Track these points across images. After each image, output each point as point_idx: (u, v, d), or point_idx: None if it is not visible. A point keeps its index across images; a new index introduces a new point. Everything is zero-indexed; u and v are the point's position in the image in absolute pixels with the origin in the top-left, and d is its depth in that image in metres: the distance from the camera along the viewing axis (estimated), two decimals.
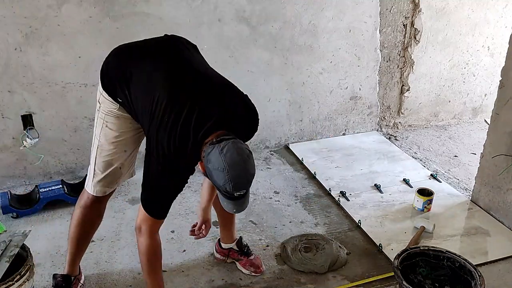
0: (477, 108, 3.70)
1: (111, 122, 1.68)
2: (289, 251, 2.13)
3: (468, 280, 1.74)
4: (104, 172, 1.75)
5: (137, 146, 1.80)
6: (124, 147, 1.74)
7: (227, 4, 2.69)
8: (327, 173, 2.84)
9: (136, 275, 2.00)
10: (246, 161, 1.40)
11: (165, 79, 1.57)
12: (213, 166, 1.36)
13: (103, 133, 1.70)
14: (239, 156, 1.37)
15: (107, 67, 1.69)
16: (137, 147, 1.81)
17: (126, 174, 1.82)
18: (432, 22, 3.22)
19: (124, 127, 1.70)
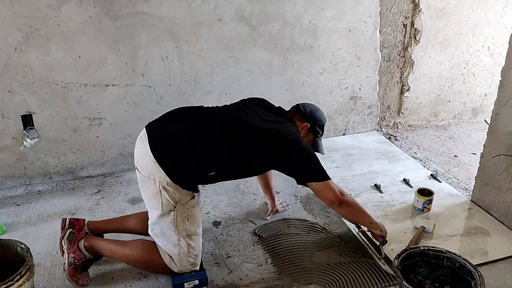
0: (477, 108, 3.70)
1: (191, 214, 1.84)
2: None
3: (468, 280, 1.74)
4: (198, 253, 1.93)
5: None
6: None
7: (227, 4, 2.69)
8: (327, 173, 2.83)
9: (136, 275, 2.00)
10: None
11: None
12: (318, 114, 2.07)
13: (186, 227, 1.84)
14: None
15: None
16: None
17: None
18: (432, 22, 3.22)
19: (199, 211, 1.90)
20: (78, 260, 1.89)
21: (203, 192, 2.65)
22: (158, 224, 1.84)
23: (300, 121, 2.01)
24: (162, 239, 1.85)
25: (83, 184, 2.75)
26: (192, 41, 2.71)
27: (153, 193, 1.78)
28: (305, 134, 2.02)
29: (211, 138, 1.78)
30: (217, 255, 2.14)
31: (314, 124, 2.04)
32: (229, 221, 2.39)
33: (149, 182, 1.77)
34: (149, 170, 1.76)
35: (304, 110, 2.04)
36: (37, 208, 2.50)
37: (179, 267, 1.86)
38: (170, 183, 1.74)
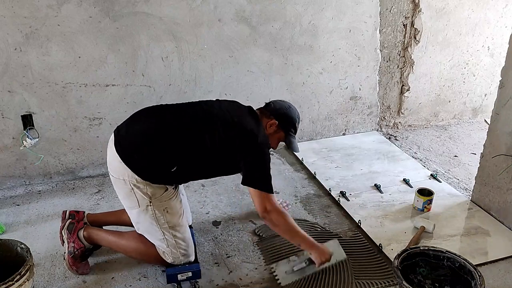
0: (477, 108, 3.70)
1: (169, 206, 1.85)
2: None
3: (468, 280, 1.74)
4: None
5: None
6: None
7: (227, 4, 2.69)
8: (327, 173, 2.84)
9: (136, 275, 2.00)
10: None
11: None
12: (288, 112, 1.99)
13: (167, 219, 1.85)
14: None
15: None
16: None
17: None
18: (432, 22, 3.22)
19: (178, 202, 1.91)
20: (78, 250, 1.95)
21: (203, 192, 2.65)
22: (140, 222, 1.89)
23: (269, 118, 1.96)
24: (148, 234, 1.90)
25: (83, 184, 2.75)
26: (192, 41, 2.71)
27: (126, 193, 1.82)
28: (274, 131, 1.97)
29: (169, 132, 1.80)
30: (217, 255, 2.14)
31: (283, 121, 1.97)
32: (229, 221, 2.39)
33: (120, 182, 1.82)
34: (118, 171, 1.80)
35: (274, 106, 2.00)
36: (37, 208, 2.50)
37: (171, 259, 1.90)
38: (139, 180, 1.78)
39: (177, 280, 1.90)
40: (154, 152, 1.78)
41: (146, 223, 1.86)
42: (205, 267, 2.05)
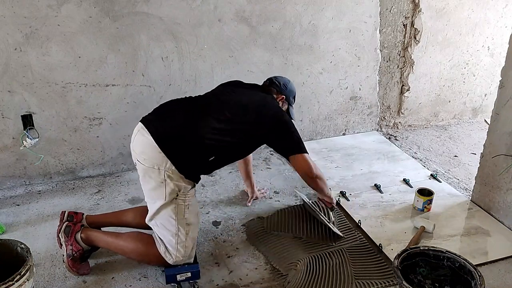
0: (477, 108, 3.70)
1: (190, 202, 1.90)
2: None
3: (468, 280, 1.74)
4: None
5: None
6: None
7: (227, 4, 2.69)
8: (327, 173, 2.84)
9: (136, 275, 2.00)
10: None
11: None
12: (290, 86, 2.23)
13: (186, 216, 1.89)
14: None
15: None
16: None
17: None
18: (432, 22, 3.22)
19: (196, 201, 1.99)
20: (76, 252, 1.95)
21: (203, 192, 2.65)
22: (159, 214, 1.88)
23: (277, 94, 2.16)
24: (161, 228, 1.89)
25: (83, 184, 2.75)
26: (192, 41, 2.71)
27: (157, 183, 1.82)
28: (281, 105, 2.17)
29: (208, 124, 1.87)
30: (217, 255, 2.14)
31: (289, 95, 2.21)
32: (229, 221, 2.39)
33: (153, 172, 1.81)
34: (154, 161, 1.80)
35: (279, 83, 2.19)
36: (37, 208, 2.50)
37: (174, 258, 1.89)
38: (175, 172, 1.80)
39: (176, 281, 1.89)
40: (195, 143, 1.84)
41: (166, 216, 1.86)
42: (205, 267, 2.05)
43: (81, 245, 1.97)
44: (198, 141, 1.84)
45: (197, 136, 1.84)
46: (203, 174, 1.96)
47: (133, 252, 1.95)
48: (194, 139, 1.84)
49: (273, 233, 2.27)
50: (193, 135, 1.84)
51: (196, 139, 1.84)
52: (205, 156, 1.88)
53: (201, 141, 1.84)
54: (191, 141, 1.84)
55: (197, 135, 1.84)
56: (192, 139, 1.84)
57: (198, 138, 1.84)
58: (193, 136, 1.84)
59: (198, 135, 1.84)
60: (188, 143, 1.83)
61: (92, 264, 2.06)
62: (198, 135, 1.84)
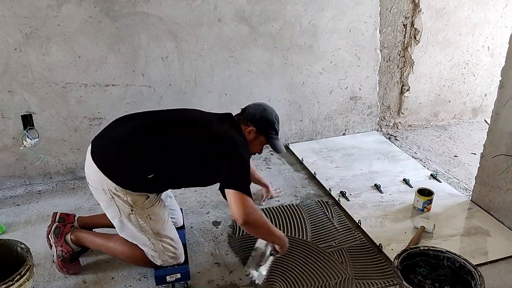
0: (477, 108, 3.70)
1: (152, 213, 1.83)
2: None
3: (468, 280, 1.74)
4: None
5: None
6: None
7: (227, 4, 2.69)
8: (327, 173, 2.84)
9: (135, 275, 2.00)
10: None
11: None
12: (264, 115, 1.96)
13: (151, 226, 1.84)
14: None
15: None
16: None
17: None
18: (432, 22, 3.22)
19: (161, 208, 1.89)
20: (66, 253, 1.95)
21: (203, 192, 2.65)
22: (125, 230, 1.86)
23: (246, 125, 1.94)
24: (134, 240, 1.88)
25: (83, 184, 2.75)
26: (192, 41, 2.71)
27: (107, 202, 1.80)
28: (254, 137, 1.95)
29: (145, 138, 1.80)
30: (217, 255, 2.14)
31: (261, 125, 1.95)
32: (229, 221, 2.38)
33: (100, 192, 1.79)
34: (97, 181, 1.78)
35: (249, 112, 1.96)
36: (37, 208, 2.50)
37: (161, 262, 1.89)
38: (118, 189, 1.75)
39: (166, 282, 1.89)
40: (130, 158, 1.76)
41: (131, 231, 1.84)
42: (205, 267, 2.05)
43: (71, 246, 1.97)
44: (133, 158, 1.76)
45: (132, 152, 1.77)
46: (151, 192, 1.83)
47: (122, 254, 1.94)
48: (128, 156, 1.76)
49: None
50: (128, 151, 1.77)
51: (131, 156, 1.76)
52: (143, 173, 1.76)
53: (136, 157, 1.76)
54: (126, 157, 1.77)
55: (132, 151, 1.77)
56: (127, 155, 1.77)
57: (133, 154, 1.76)
58: (127, 152, 1.77)
59: (134, 152, 1.76)
60: (123, 160, 1.76)
61: (92, 263, 2.07)
62: (134, 151, 1.77)
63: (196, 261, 2.09)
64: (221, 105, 2.91)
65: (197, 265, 2.07)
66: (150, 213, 1.82)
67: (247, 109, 1.98)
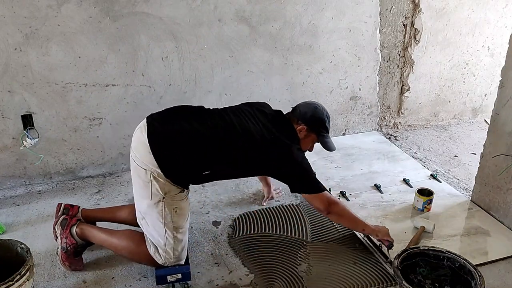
0: (477, 108, 3.70)
1: (180, 207, 1.87)
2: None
3: (468, 280, 1.75)
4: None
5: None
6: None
7: (227, 4, 2.69)
8: (327, 173, 2.84)
9: (136, 275, 2.00)
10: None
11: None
12: (315, 113, 2.01)
13: (174, 219, 1.86)
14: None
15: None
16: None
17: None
18: (432, 22, 3.22)
19: (187, 205, 1.93)
20: (70, 245, 1.96)
21: (203, 192, 2.65)
22: (147, 214, 1.87)
23: (297, 124, 2.00)
24: (150, 229, 1.89)
25: (83, 184, 2.75)
26: (192, 41, 2.71)
27: (144, 182, 1.81)
28: (304, 136, 2.01)
29: (209, 140, 1.82)
30: (217, 255, 2.14)
31: (312, 124, 2.01)
32: (229, 221, 2.38)
33: (141, 171, 1.80)
34: (143, 160, 1.79)
35: (300, 111, 2.02)
36: (37, 208, 2.50)
37: (163, 259, 1.89)
38: (161, 175, 1.78)
39: (166, 282, 1.89)
40: (193, 154, 1.80)
41: (153, 217, 1.85)
42: (205, 267, 2.05)
43: (75, 239, 1.98)
44: (196, 155, 1.81)
45: (196, 150, 1.80)
46: (192, 184, 1.92)
47: (125, 249, 1.96)
48: (191, 152, 1.80)
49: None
50: (192, 148, 1.80)
51: (194, 153, 1.80)
52: (200, 169, 1.84)
53: (200, 156, 1.81)
54: (187, 152, 1.80)
55: (196, 149, 1.80)
56: (188, 151, 1.80)
57: (196, 152, 1.81)
58: (191, 149, 1.80)
59: (197, 149, 1.81)
60: (183, 154, 1.79)
61: (92, 263, 2.07)
62: (198, 149, 1.81)
63: (196, 261, 2.09)
64: (221, 105, 2.90)
65: (197, 265, 2.07)
66: (178, 206, 1.85)
67: (298, 108, 2.04)
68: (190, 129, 1.83)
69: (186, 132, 1.82)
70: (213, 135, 1.83)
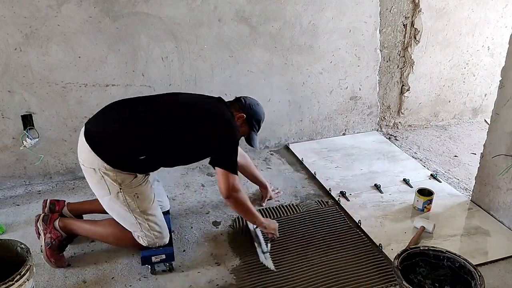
0: (477, 108, 3.70)
1: (140, 192, 1.92)
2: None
3: (468, 280, 1.74)
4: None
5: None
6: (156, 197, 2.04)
7: (227, 4, 2.69)
8: (327, 173, 2.84)
9: (135, 275, 2.00)
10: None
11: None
12: (256, 108, 2.12)
13: (138, 204, 1.92)
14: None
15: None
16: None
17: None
18: (432, 22, 3.22)
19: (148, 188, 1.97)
20: (55, 239, 2.00)
21: (203, 192, 2.65)
22: (113, 209, 1.94)
23: (237, 111, 2.08)
24: (122, 220, 1.96)
25: (83, 184, 2.75)
26: (192, 41, 2.71)
27: (98, 181, 1.88)
28: (240, 125, 2.07)
29: (139, 122, 1.89)
30: (217, 255, 2.14)
31: (251, 116, 2.10)
32: (229, 221, 2.39)
33: (90, 172, 1.88)
34: (89, 161, 1.87)
35: (244, 102, 2.12)
36: (37, 208, 2.50)
37: (146, 242, 1.97)
38: (109, 168, 1.84)
39: (151, 262, 1.97)
40: (123, 141, 1.86)
41: (119, 209, 1.93)
42: (205, 267, 2.05)
43: (60, 232, 2.02)
44: (126, 140, 1.86)
45: (126, 134, 1.86)
46: (141, 172, 1.93)
47: (111, 236, 2.02)
48: (122, 138, 1.86)
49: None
50: (122, 134, 1.87)
51: (125, 138, 1.86)
52: (135, 154, 1.87)
53: (130, 139, 1.86)
54: (119, 139, 1.86)
55: (126, 134, 1.87)
56: (120, 137, 1.86)
57: (127, 136, 1.86)
58: (121, 134, 1.87)
59: (128, 134, 1.86)
60: (116, 141, 1.86)
61: (91, 263, 2.07)
62: (128, 133, 1.86)
63: (196, 261, 2.09)
64: None
65: (197, 265, 2.07)
66: (138, 192, 1.91)
67: (244, 99, 2.13)
68: (119, 118, 1.92)
69: (116, 121, 1.91)
70: (140, 117, 1.90)
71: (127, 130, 1.87)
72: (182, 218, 2.41)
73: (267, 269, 2.02)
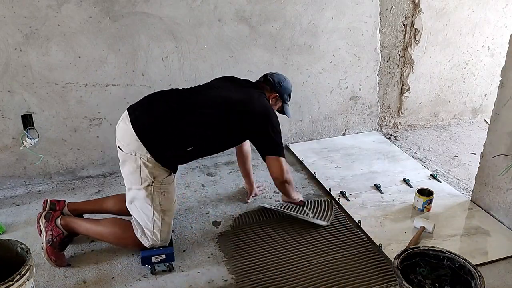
0: (477, 108, 3.70)
1: (167, 190, 1.97)
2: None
3: (468, 280, 1.74)
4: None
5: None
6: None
7: (227, 4, 2.69)
8: (327, 173, 2.84)
9: (135, 275, 2.00)
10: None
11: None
12: (285, 84, 2.25)
13: (162, 202, 1.96)
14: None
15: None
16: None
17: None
18: (432, 22, 3.22)
19: (174, 188, 2.05)
20: (56, 237, 2.00)
21: (203, 192, 2.65)
22: (137, 198, 1.95)
23: (270, 92, 2.20)
24: (139, 212, 1.97)
25: (83, 184, 2.75)
26: (192, 41, 2.71)
27: (134, 168, 1.91)
28: (274, 103, 2.22)
29: (189, 114, 1.94)
30: (217, 255, 2.14)
31: (283, 93, 2.24)
32: (229, 221, 2.39)
33: (130, 158, 1.91)
34: (131, 147, 1.90)
35: (273, 81, 2.22)
36: (37, 208, 2.49)
37: (150, 242, 1.98)
38: (150, 160, 1.89)
39: (151, 262, 1.98)
40: (174, 133, 1.91)
41: (142, 201, 1.94)
42: (205, 267, 2.05)
43: (61, 229, 2.02)
44: (177, 132, 1.91)
45: (177, 127, 1.91)
46: (180, 164, 2.05)
47: (111, 235, 2.03)
48: (173, 130, 1.91)
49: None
50: (173, 126, 1.91)
51: (176, 130, 1.91)
52: (183, 146, 1.94)
53: (181, 132, 1.92)
54: (170, 131, 1.90)
55: (177, 126, 1.91)
56: (171, 130, 1.91)
57: (178, 129, 1.91)
58: (172, 127, 1.91)
59: (178, 127, 1.91)
60: (167, 133, 1.90)
61: (91, 264, 2.07)
62: (179, 126, 1.91)
63: (196, 261, 2.09)
64: None
65: (197, 265, 2.07)
66: (166, 190, 1.96)
67: (272, 78, 2.23)
68: (168, 109, 1.94)
69: (165, 113, 1.94)
70: (188, 109, 1.95)
71: (177, 122, 1.91)
72: (182, 218, 2.41)
73: (267, 269, 2.02)
